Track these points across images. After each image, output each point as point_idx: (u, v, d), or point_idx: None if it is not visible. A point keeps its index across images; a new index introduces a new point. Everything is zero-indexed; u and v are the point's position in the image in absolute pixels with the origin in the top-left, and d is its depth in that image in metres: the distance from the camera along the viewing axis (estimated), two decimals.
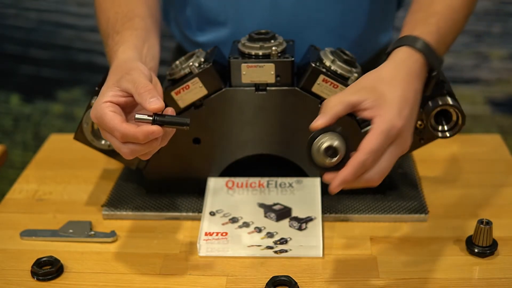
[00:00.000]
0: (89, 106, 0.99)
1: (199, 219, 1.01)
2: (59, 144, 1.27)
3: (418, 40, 0.88)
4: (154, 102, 0.81)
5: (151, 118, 0.81)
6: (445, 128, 0.97)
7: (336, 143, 0.79)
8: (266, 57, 0.98)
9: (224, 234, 0.96)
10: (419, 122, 0.98)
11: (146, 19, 1.02)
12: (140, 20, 1.00)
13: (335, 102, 0.80)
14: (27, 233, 1.00)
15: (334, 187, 0.78)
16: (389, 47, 0.90)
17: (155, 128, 0.80)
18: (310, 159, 0.81)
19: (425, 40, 0.88)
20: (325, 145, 0.79)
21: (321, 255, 0.94)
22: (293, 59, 0.98)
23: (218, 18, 1.15)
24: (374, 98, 0.81)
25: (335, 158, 0.79)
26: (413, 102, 0.83)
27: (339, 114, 0.80)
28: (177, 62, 1.01)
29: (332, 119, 0.80)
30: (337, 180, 0.78)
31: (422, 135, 0.99)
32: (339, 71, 0.98)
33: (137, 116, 0.81)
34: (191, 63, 0.99)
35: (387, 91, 0.81)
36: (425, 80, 0.88)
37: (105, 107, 0.82)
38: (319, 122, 0.79)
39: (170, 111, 0.83)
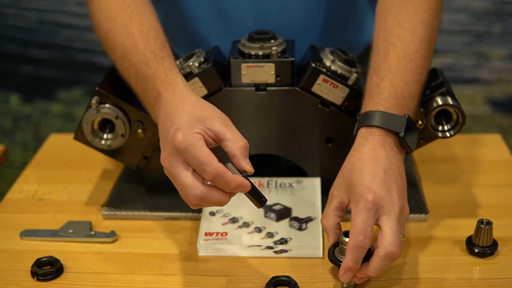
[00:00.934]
0: (89, 106, 0.99)
1: (199, 219, 1.01)
2: (59, 144, 1.27)
3: (372, 116, 0.88)
4: (249, 163, 0.81)
5: (241, 175, 0.80)
6: (445, 128, 0.97)
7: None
8: (266, 57, 0.98)
9: (224, 234, 0.96)
10: (420, 122, 0.98)
11: (169, 44, 0.99)
12: (168, 45, 0.97)
13: (329, 221, 0.87)
14: (27, 233, 1.00)
15: (341, 276, 0.83)
16: (357, 125, 0.91)
17: (248, 183, 0.80)
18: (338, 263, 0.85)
19: (378, 111, 0.88)
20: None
21: (321, 255, 0.93)
22: (293, 59, 0.98)
23: (204, 25, 1.15)
24: (348, 191, 0.85)
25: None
26: (385, 168, 0.84)
27: (336, 226, 0.87)
28: (177, 62, 1.01)
29: (335, 234, 0.87)
30: (341, 268, 0.83)
31: (423, 135, 0.99)
32: (339, 71, 0.98)
33: (230, 166, 0.80)
34: (191, 63, 0.99)
35: (355, 179, 0.84)
36: (398, 142, 0.88)
37: (199, 138, 0.80)
38: (330, 242, 0.87)
39: None
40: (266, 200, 0.83)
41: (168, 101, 0.87)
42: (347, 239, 0.84)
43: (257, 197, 0.82)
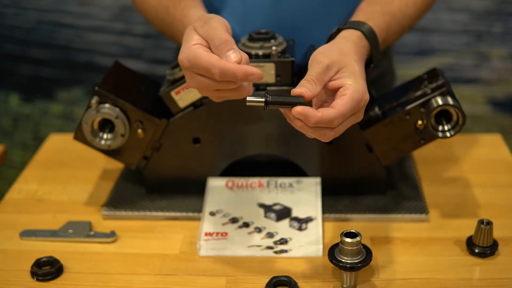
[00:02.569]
0: (89, 106, 0.99)
1: (199, 219, 1.01)
2: (59, 144, 1.27)
3: (370, 30, 0.92)
4: (231, 56, 0.79)
5: (263, 99, 0.79)
6: (446, 128, 0.97)
7: None
8: (266, 57, 0.98)
9: (224, 234, 0.96)
10: (419, 122, 0.98)
11: None
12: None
13: (315, 82, 0.81)
14: (27, 233, 1.00)
15: (296, 110, 0.78)
16: (341, 25, 0.94)
17: (256, 70, 0.78)
18: None
19: (376, 32, 0.93)
20: None
21: (321, 255, 0.93)
22: (293, 59, 0.98)
23: (222, 10, 1.15)
24: (343, 68, 0.83)
25: None
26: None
27: (319, 91, 0.81)
28: (177, 62, 1.01)
29: (316, 93, 0.80)
30: (303, 108, 0.78)
31: (423, 135, 0.99)
32: None
33: (248, 99, 0.79)
34: None
35: (351, 64, 0.84)
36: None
37: (196, 48, 0.81)
38: (308, 93, 0.79)
39: (245, 58, 0.80)
40: (302, 98, 0.78)
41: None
42: (347, 239, 0.84)
43: (292, 105, 0.78)
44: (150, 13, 1.09)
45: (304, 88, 0.80)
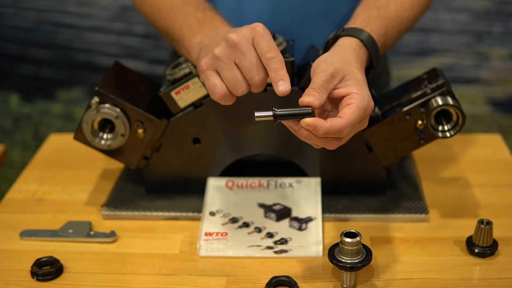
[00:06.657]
0: (89, 106, 0.99)
1: (199, 219, 1.01)
2: (59, 144, 1.27)
3: (370, 38, 0.92)
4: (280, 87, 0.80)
5: (271, 114, 0.80)
6: (446, 128, 0.97)
7: None
8: None
9: (224, 234, 0.96)
10: (419, 122, 0.98)
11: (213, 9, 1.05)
12: (212, 8, 1.04)
13: (321, 90, 0.82)
14: (27, 233, 1.00)
15: (306, 122, 0.79)
16: (339, 31, 0.93)
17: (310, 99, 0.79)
18: None
19: (375, 39, 0.93)
20: None
21: (321, 255, 0.93)
22: (293, 59, 0.97)
23: (218, 9, 1.15)
24: (347, 76, 0.83)
25: None
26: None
27: (325, 99, 0.82)
28: (179, 60, 1.01)
29: (323, 101, 0.81)
30: (313, 120, 0.78)
31: (422, 135, 0.99)
32: None
33: (257, 114, 0.80)
34: (191, 63, 0.99)
35: (354, 72, 0.84)
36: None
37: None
38: (316, 102, 0.80)
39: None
40: (310, 108, 0.79)
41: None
42: (347, 239, 0.84)
43: (302, 116, 0.79)
44: (161, 10, 1.06)
45: (311, 97, 0.80)
